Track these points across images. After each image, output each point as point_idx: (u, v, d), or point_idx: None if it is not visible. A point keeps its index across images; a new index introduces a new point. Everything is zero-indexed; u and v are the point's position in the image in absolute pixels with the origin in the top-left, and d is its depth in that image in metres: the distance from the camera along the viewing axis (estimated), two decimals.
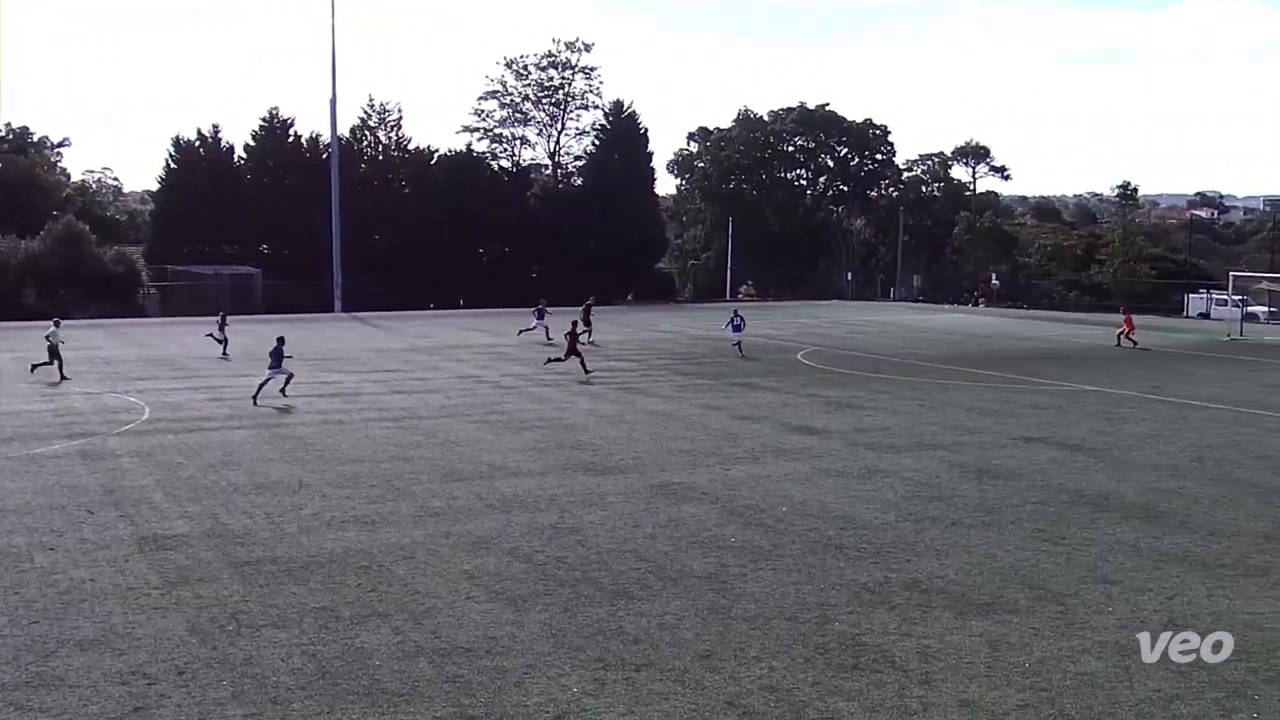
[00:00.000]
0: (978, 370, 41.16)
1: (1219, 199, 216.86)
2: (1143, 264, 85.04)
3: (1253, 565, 17.00)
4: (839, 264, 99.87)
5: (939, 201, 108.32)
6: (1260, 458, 25.18)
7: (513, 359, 44.16)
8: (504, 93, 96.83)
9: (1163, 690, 12.38)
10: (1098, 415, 30.87)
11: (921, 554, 17.37)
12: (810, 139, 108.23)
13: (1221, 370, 43.02)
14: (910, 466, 23.64)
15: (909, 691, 12.24)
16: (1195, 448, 26.22)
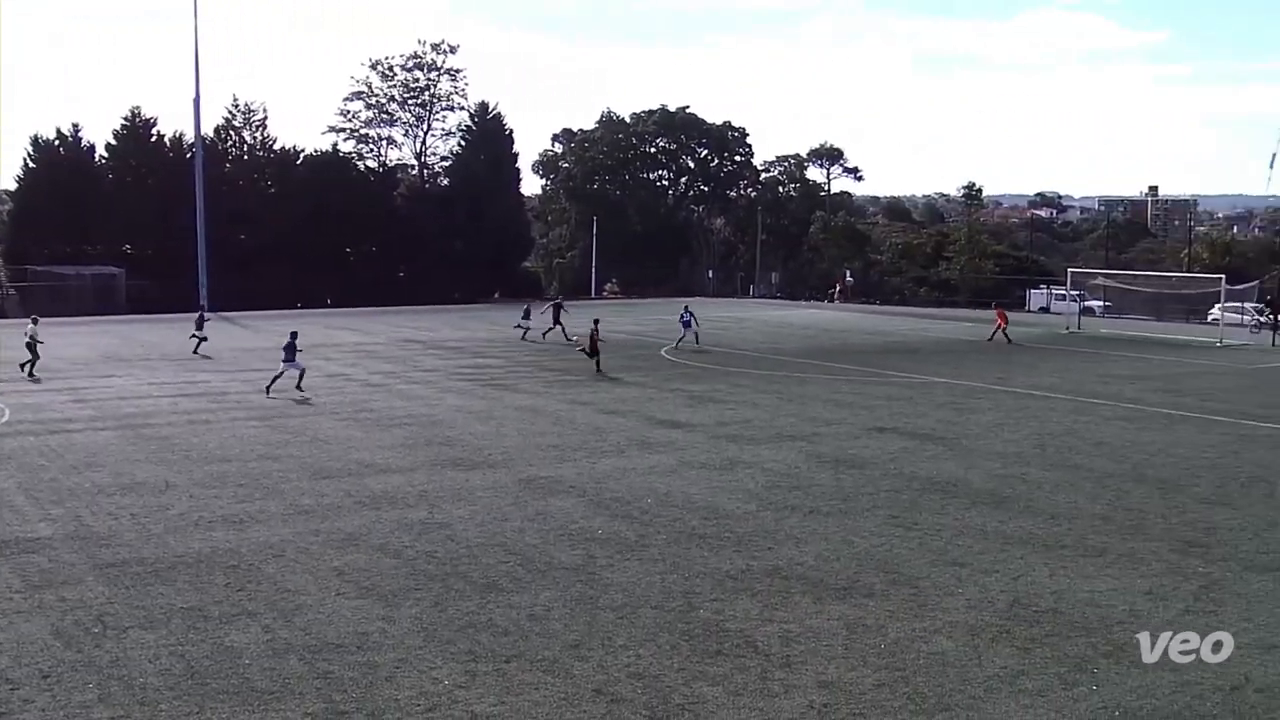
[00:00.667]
0: (834, 364, 41.83)
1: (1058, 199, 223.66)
2: (987, 261, 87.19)
3: (1091, 546, 17.58)
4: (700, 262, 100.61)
5: (795, 201, 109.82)
6: (1096, 444, 26.03)
7: (381, 357, 43.65)
8: (370, 93, 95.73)
9: (1009, 666, 12.75)
10: (947, 406, 31.61)
11: (782, 542, 17.61)
12: (671, 140, 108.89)
13: (1061, 362, 44.34)
14: (770, 457, 23.94)
15: (771, 674, 12.41)
16: (1037, 435, 27.01)
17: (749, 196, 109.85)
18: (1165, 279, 68.17)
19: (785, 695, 11.90)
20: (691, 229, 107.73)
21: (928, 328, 60.81)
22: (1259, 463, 24.19)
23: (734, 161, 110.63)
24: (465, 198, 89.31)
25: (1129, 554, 17.16)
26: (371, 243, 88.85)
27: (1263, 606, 14.86)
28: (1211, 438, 27.18)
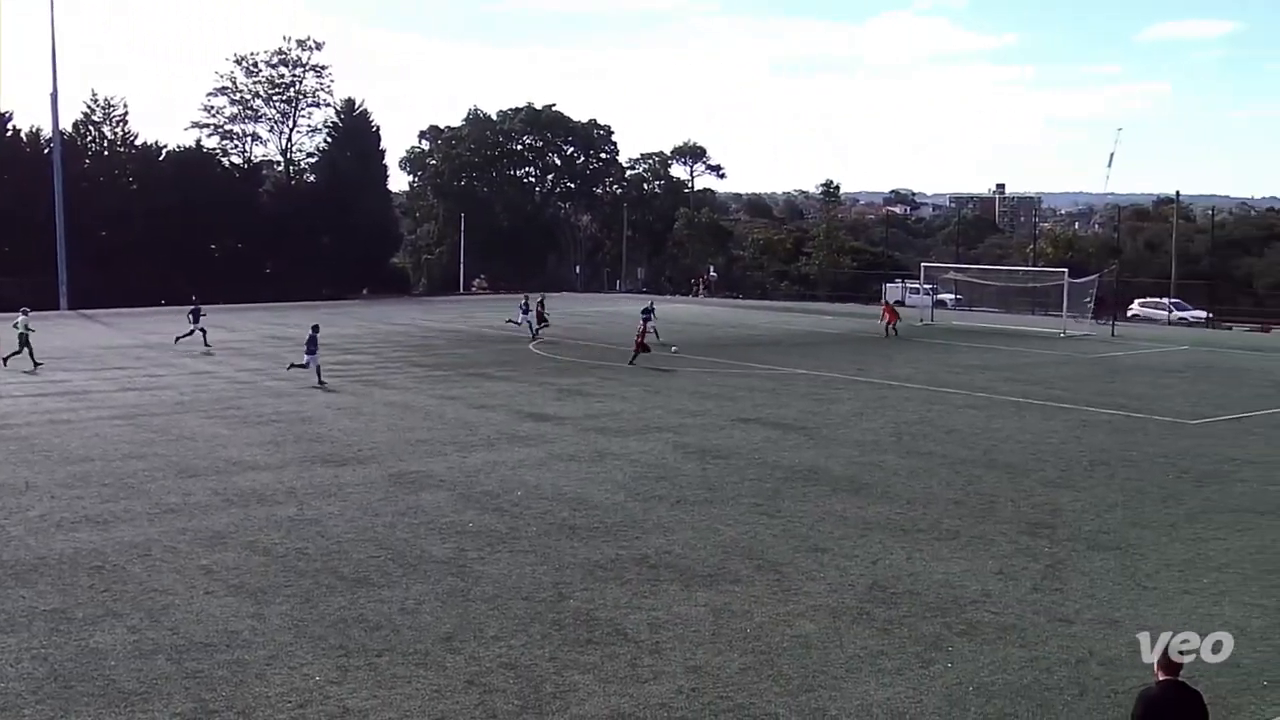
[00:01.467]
0: (699, 357, 42.14)
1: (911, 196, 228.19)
2: (845, 256, 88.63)
3: (945, 529, 18.01)
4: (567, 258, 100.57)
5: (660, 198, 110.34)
6: (949, 432, 26.67)
7: (248, 354, 42.74)
8: (234, 89, 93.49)
9: (869, 647, 12.99)
10: (808, 396, 32.08)
11: (650, 531, 17.69)
12: (538, 138, 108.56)
13: (915, 353, 45.32)
14: (638, 449, 24.03)
15: (640, 661, 12.46)
16: (894, 424, 27.56)
17: (614, 193, 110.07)
18: (1012, 273, 70.10)
19: (654, 681, 11.96)
20: (558, 225, 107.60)
21: (789, 321, 61.61)
22: (1099, 447, 25.04)
23: (600, 159, 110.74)
24: (332, 194, 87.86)
25: (980, 536, 17.63)
26: (237, 239, 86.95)
27: (1104, 583, 15.40)
28: (1056, 424, 28.04)
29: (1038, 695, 11.80)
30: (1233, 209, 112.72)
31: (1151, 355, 46.14)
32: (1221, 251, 75.16)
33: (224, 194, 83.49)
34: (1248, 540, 17.65)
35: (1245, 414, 30.19)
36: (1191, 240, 78.25)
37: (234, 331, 51.37)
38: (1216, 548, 17.23)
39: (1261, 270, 72.55)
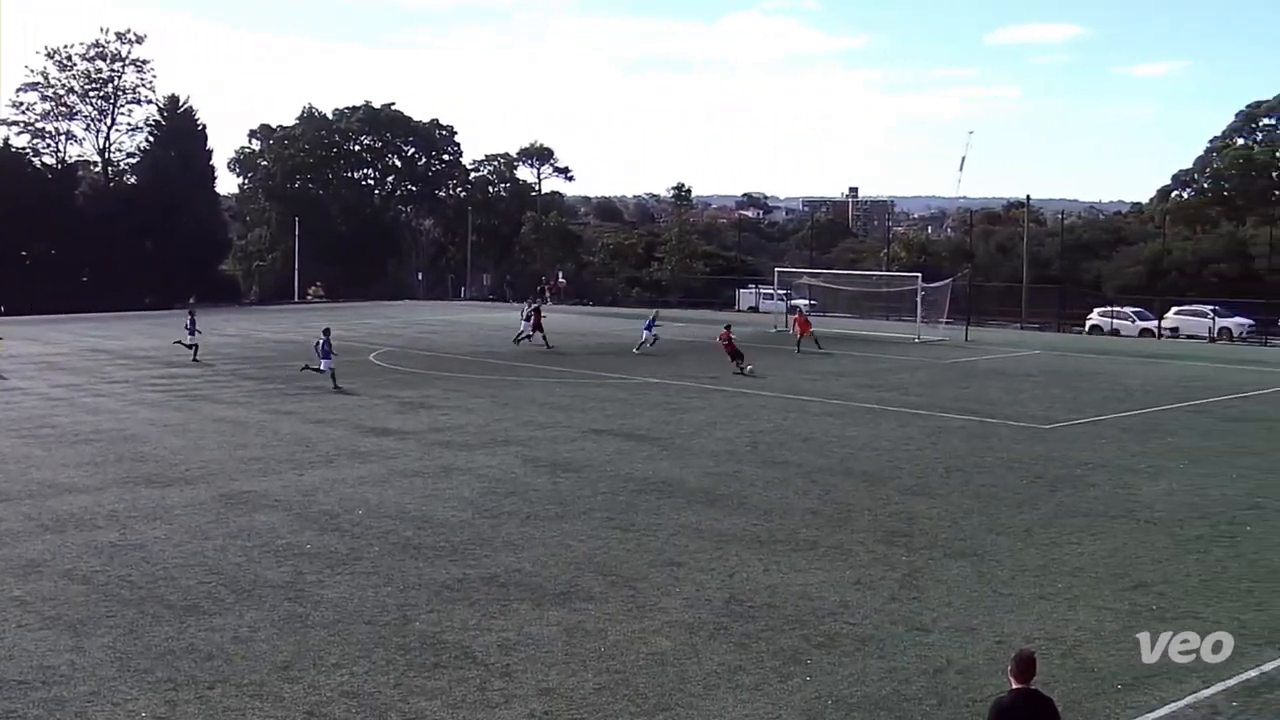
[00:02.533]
0: (548, 366, 42.11)
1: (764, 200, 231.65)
2: (697, 261, 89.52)
3: (802, 540, 18.29)
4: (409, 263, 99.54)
5: (506, 201, 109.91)
6: (805, 440, 27.11)
7: (64, 369, 41.34)
8: (46, 84, 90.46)
9: (727, 662, 13.12)
10: (661, 406, 32.29)
11: (499, 549, 17.60)
12: (377, 138, 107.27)
13: (770, 360, 45.90)
14: (485, 463, 23.89)
15: (490, 684, 12.38)
16: (749, 433, 27.90)
17: (458, 196, 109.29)
18: (867, 278, 71.60)
19: (505, 705, 11.90)
20: (399, 230, 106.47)
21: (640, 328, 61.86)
22: (954, 453, 25.72)
23: (442, 160, 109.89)
24: (155, 197, 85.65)
25: (838, 546, 17.95)
26: (50, 245, 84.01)
27: (961, 591, 15.82)
28: (911, 430, 28.72)
29: (896, 707, 12.05)
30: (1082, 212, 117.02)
31: (1005, 359, 47.56)
32: (1071, 255, 77.90)
33: (35, 196, 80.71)
34: (1100, 545, 18.30)
35: (1096, 417, 31.32)
36: (1042, 244, 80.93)
37: (48, 345, 49.61)
38: (1070, 552, 17.83)
39: (1110, 273, 75.32)
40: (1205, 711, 12.06)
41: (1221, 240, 73.38)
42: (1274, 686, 12.75)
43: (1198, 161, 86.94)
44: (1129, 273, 73.59)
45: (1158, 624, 14.60)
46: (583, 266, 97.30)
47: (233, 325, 62.63)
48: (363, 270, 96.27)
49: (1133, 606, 15.32)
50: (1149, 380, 40.46)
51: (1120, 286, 72.87)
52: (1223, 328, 60.57)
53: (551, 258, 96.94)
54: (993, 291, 74.68)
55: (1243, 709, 12.14)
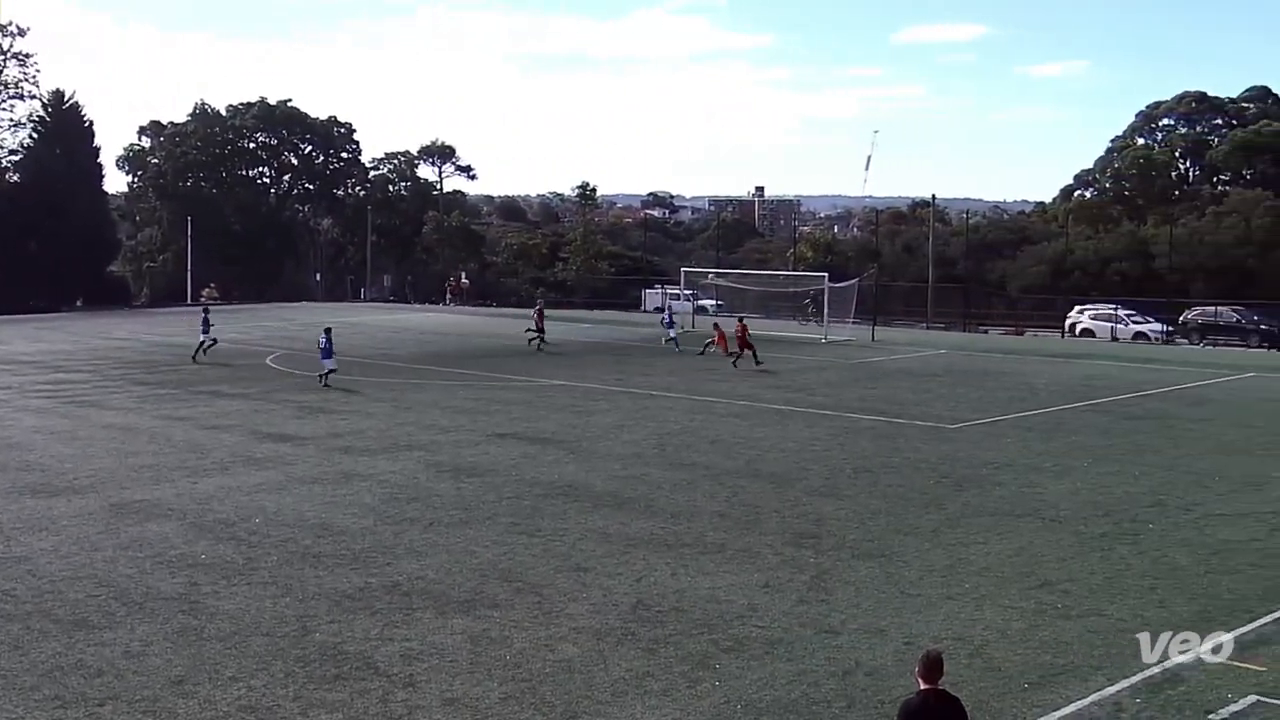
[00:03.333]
0: (451, 369, 41.87)
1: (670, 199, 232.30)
2: (603, 261, 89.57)
3: (710, 543, 18.38)
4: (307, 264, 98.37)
5: (407, 201, 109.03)
6: (713, 442, 27.24)
7: None
8: None
9: (635, 668, 13.14)
10: (567, 409, 32.25)
11: (401, 556, 17.46)
12: (272, 136, 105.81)
13: (676, 361, 46.11)
14: (387, 469, 23.68)
15: (393, 696, 12.28)
16: (656, 435, 27.98)
17: (358, 195, 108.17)
18: (774, 277, 72.07)
19: (408, 716, 11.80)
20: (297, 229, 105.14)
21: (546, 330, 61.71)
22: (862, 454, 26.01)
23: (341, 159, 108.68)
24: (39, 196, 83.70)
25: (746, 549, 18.06)
26: None
27: (869, 592, 16.00)
28: (819, 431, 28.99)
29: (806, 710, 12.15)
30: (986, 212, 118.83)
31: (912, 360, 48.20)
32: (976, 254, 79.18)
33: None
34: (1006, 544, 18.62)
35: (1001, 417, 31.86)
36: (947, 244, 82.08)
37: None
38: (977, 552, 18.12)
39: (1014, 273, 76.63)
40: (1110, 709, 12.32)
41: (1123, 240, 75.02)
42: (1177, 683, 13.06)
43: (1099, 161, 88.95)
44: (1033, 272, 74.95)
45: (1063, 622, 14.90)
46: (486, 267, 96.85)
47: (123, 329, 61.43)
48: (258, 271, 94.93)
49: (1038, 605, 15.60)
50: (1053, 379, 41.25)
51: (1024, 286, 74.20)
52: (1138, 332, 61.68)
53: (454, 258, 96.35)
54: (899, 291, 75.66)
55: (1146, 705, 12.42)
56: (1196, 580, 16.85)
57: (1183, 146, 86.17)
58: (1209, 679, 13.16)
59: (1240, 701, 12.52)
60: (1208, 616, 15.21)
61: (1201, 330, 60.48)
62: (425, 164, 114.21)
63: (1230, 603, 15.83)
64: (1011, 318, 70.81)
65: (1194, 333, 60.57)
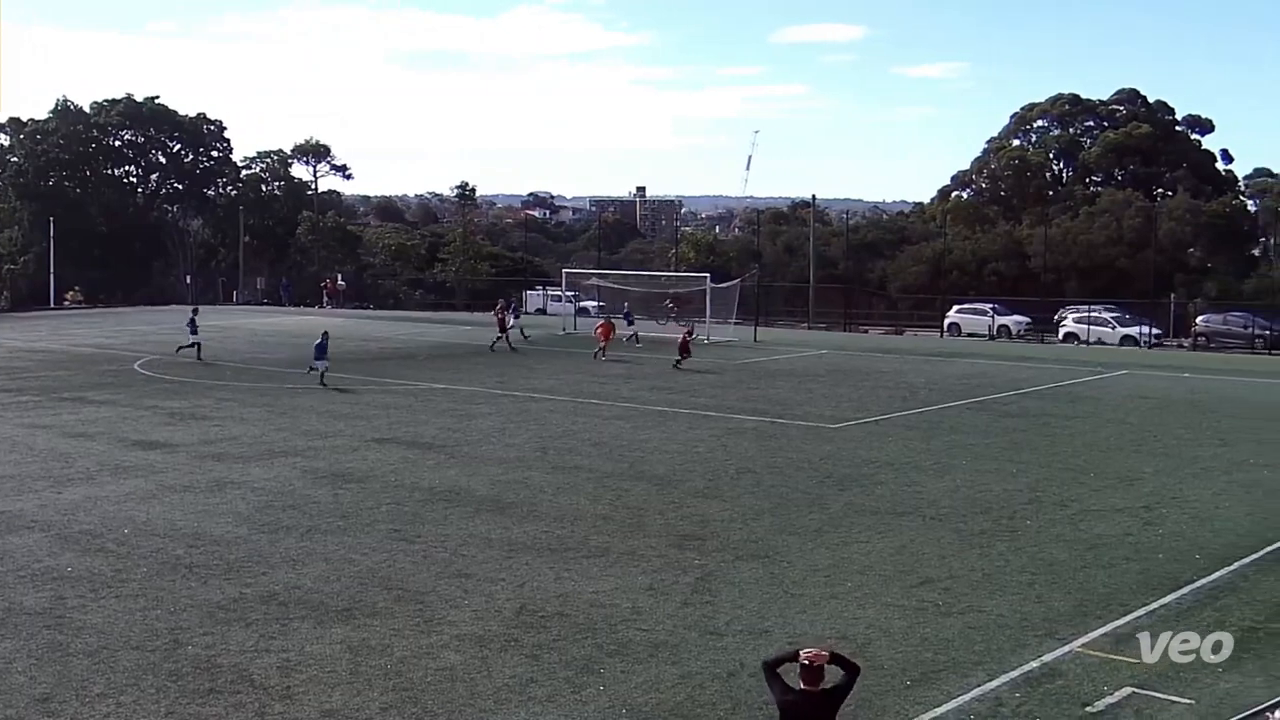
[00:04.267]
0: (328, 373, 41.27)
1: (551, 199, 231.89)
2: (483, 262, 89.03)
3: (594, 546, 18.40)
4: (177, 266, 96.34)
5: (281, 201, 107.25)
6: (595, 444, 27.28)
7: None
8: None
9: (518, 675, 13.10)
10: (448, 413, 32.04)
11: (277, 565, 17.20)
12: (140, 134, 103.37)
13: (558, 364, 46.07)
14: (261, 476, 23.30)
15: (270, 709, 12.09)
16: (539, 439, 27.92)
17: (229, 195, 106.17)
18: (655, 278, 72.34)
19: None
20: (166, 230, 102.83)
21: (425, 332, 61.32)
22: (744, 455, 26.24)
23: (211, 157, 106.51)
24: None
25: (630, 552, 18.11)
26: None
27: (753, 593, 16.15)
28: (702, 433, 29.17)
29: (690, 713, 12.23)
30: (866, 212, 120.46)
31: (794, 360, 48.75)
32: (856, 254, 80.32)
33: None
34: (887, 542, 18.93)
35: (882, 416, 32.38)
36: (828, 244, 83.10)
37: None
38: (859, 550, 18.39)
39: (894, 273, 77.89)
40: (990, 704, 12.58)
41: (999, 240, 76.67)
42: (1055, 676, 13.39)
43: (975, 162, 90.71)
44: (912, 272, 76.28)
45: (943, 619, 15.19)
46: (363, 268, 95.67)
47: None
48: (126, 273, 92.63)
49: (919, 603, 15.89)
50: (933, 378, 42.03)
51: (904, 286, 75.44)
52: (1002, 325, 63.31)
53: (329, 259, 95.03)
54: (780, 292, 76.43)
55: (1025, 700, 12.71)
56: (1073, 575, 17.31)
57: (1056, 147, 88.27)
58: (1085, 672, 13.52)
59: (1116, 694, 12.88)
60: (1084, 610, 15.64)
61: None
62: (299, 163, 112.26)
63: (1105, 596, 16.29)
64: (891, 317, 71.98)
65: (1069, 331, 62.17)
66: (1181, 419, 32.88)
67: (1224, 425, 31.70)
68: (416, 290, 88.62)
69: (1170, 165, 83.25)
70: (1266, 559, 18.36)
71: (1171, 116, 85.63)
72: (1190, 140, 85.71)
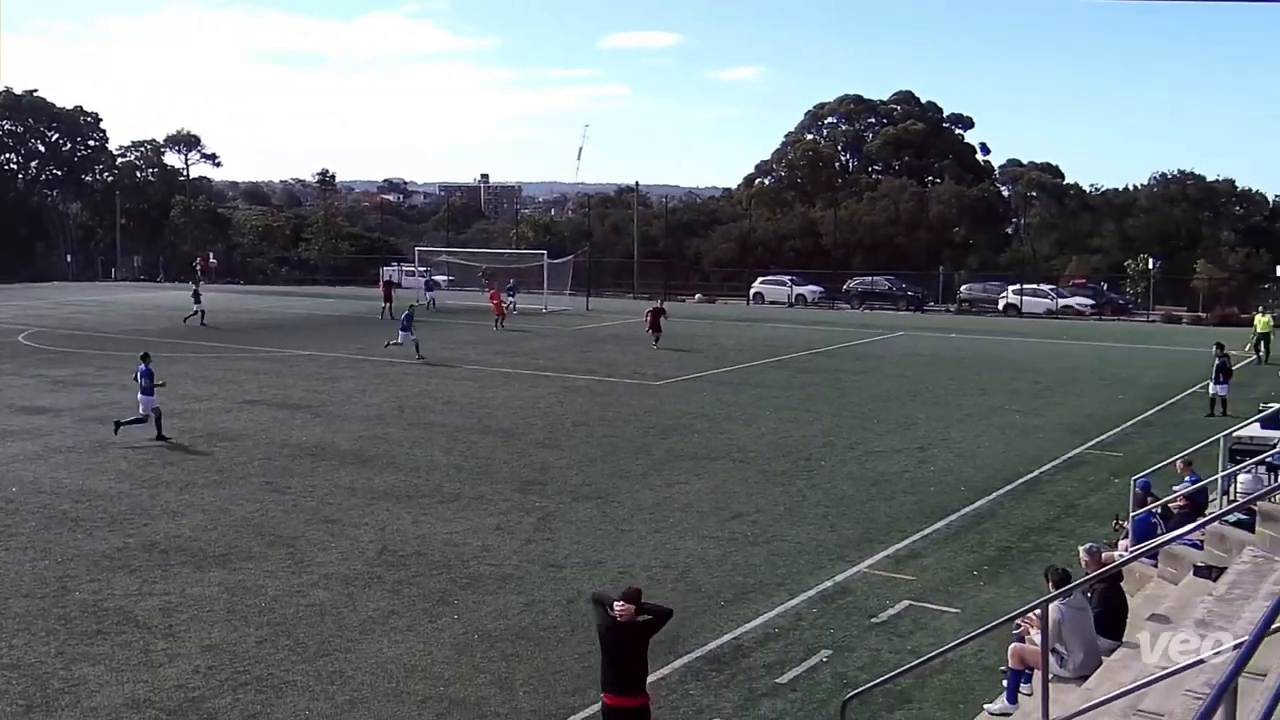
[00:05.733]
0: (201, 342, 40.03)
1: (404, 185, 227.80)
2: (343, 241, 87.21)
3: (447, 493, 18.28)
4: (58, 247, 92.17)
5: (155, 186, 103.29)
6: (447, 403, 27.03)
7: None
8: None
9: (381, 607, 12.97)
10: (313, 376, 31.37)
11: (158, 517, 16.69)
12: (19, 124, 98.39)
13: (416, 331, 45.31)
14: (142, 437, 22.47)
15: (154, 646, 11.76)
16: (396, 399, 27.54)
17: (106, 181, 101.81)
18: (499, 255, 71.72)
19: (169, 664, 11.33)
20: (46, 213, 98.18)
21: (291, 305, 59.79)
22: (579, 410, 26.30)
23: (88, 146, 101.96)
24: None
25: (479, 497, 18.04)
26: None
27: (588, 530, 16.25)
28: (542, 391, 29.13)
29: (535, 636, 12.27)
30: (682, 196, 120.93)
31: (623, 326, 48.91)
32: (674, 233, 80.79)
33: None
34: (704, 483, 19.21)
35: (698, 374, 32.75)
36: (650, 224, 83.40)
37: None
38: (680, 491, 18.62)
39: (706, 249, 78.60)
40: (792, 619, 12.91)
41: (796, 220, 77.91)
42: (846, 593, 13.80)
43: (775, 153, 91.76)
44: (722, 248, 77.03)
45: (751, 548, 15.50)
46: (233, 247, 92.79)
47: None
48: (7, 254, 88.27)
49: (731, 534, 16.18)
50: (740, 341, 42.65)
51: (715, 261, 76.24)
52: (799, 294, 64.48)
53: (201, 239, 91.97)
54: (609, 266, 76.50)
55: (821, 614, 13.07)
56: (860, 507, 17.82)
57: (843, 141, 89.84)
58: (870, 589, 13.96)
59: (896, 606, 13.34)
60: (870, 537, 16.13)
61: (861, 297, 63.59)
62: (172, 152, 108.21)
63: (887, 524, 16.81)
64: (705, 288, 72.63)
65: (855, 298, 63.64)
66: (949, 373, 34.00)
67: (984, 378, 32.89)
68: (282, 267, 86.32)
69: (938, 156, 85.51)
70: (1018, 489, 19.18)
71: (939, 115, 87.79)
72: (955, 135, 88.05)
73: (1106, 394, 29.75)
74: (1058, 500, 18.55)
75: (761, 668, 11.63)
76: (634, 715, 8.79)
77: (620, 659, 8.77)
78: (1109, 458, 21.51)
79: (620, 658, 8.77)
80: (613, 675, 8.82)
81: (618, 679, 8.79)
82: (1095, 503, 18.09)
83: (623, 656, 8.77)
